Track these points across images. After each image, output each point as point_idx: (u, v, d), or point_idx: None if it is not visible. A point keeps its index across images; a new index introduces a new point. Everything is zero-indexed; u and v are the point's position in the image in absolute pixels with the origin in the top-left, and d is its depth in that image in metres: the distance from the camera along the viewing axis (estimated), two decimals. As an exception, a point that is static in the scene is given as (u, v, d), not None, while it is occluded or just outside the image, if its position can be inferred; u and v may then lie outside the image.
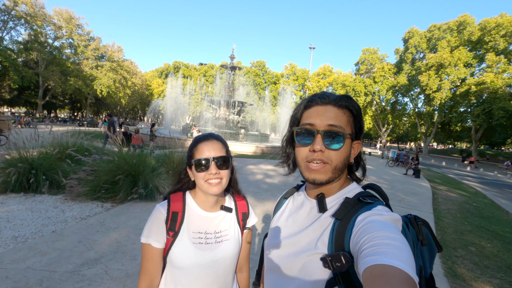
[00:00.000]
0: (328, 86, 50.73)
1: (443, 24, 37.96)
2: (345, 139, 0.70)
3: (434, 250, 0.74)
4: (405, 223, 0.70)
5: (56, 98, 49.98)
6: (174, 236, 0.98)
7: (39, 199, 4.87)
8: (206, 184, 0.98)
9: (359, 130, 0.76)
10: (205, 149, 0.99)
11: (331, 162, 0.71)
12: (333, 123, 0.70)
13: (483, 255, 4.19)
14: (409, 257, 0.51)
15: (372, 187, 0.78)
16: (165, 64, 66.30)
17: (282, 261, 0.77)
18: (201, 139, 1.03)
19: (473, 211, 7.31)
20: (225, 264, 1.04)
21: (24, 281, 2.49)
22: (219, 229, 1.05)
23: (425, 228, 0.73)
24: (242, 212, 1.14)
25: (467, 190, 11.36)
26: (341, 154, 0.71)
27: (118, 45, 47.47)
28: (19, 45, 34.81)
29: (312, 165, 0.71)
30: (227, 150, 1.05)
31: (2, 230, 3.51)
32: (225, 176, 1.00)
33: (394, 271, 0.46)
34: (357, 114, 0.75)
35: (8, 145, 5.65)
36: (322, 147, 0.70)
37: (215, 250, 1.01)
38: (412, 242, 0.67)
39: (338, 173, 0.72)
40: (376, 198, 0.73)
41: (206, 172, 0.97)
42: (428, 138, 42.25)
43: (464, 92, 32.45)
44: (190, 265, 0.97)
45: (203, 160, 0.97)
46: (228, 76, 24.73)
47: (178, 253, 0.96)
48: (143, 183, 5.18)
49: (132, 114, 72.54)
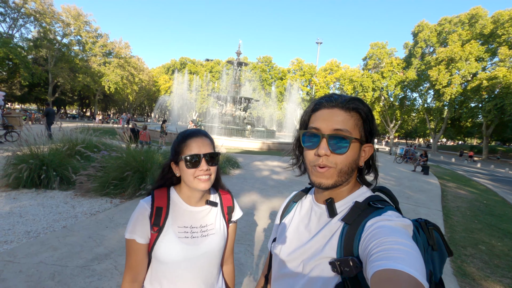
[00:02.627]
0: (335, 81, 50.12)
1: (454, 17, 36.96)
2: (350, 143, 0.69)
3: (444, 255, 0.73)
4: (415, 227, 0.69)
5: (65, 95, 50.69)
6: (158, 231, 0.98)
7: (50, 194, 4.98)
8: (195, 180, 0.98)
9: (369, 133, 0.74)
10: (194, 145, 0.99)
11: (336, 166, 0.70)
12: (339, 127, 0.69)
13: (494, 254, 4.13)
14: (419, 262, 0.50)
15: (383, 190, 0.77)
16: (172, 60, 66.41)
17: (291, 268, 0.77)
18: (189, 135, 1.03)
19: (483, 209, 7.19)
20: (211, 258, 1.06)
21: (37, 275, 2.56)
22: (205, 223, 1.07)
23: (436, 232, 0.72)
24: (227, 206, 1.16)
25: (477, 187, 11.16)
26: (346, 158, 0.70)
27: (125, 42, 47.65)
28: (29, 42, 35.24)
29: (317, 170, 0.71)
30: (214, 146, 1.07)
31: (15, 225, 3.61)
32: (214, 172, 1.02)
33: (403, 276, 0.45)
34: (367, 116, 0.73)
35: (19, 141, 5.77)
36: (327, 151, 0.69)
37: (201, 244, 1.02)
38: (422, 247, 0.66)
39: (344, 177, 0.71)
40: (386, 202, 0.72)
41: (196, 168, 0.98)
42: (437, 134, 41.53)
43: (476, 87, 31.64)
44: (176, 259, 0.98)
45: (195, 157, 0.98)
46: (235, 72, 24.66)
47: (163, 248, 0.97)
48: (151, 179, 5.24)
49: (139, 110, 73.11)
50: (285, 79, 55.75)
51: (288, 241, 0.83)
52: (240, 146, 16.86)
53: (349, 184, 0.77)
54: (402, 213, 0.70)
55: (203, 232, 1.04)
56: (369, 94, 42.03)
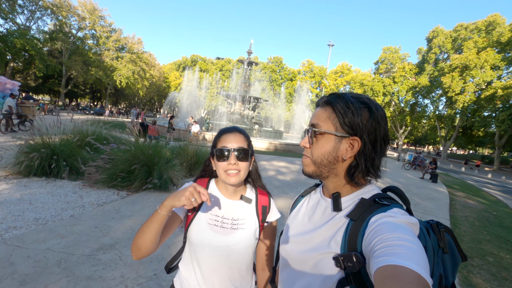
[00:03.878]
0: (345, 84, 49.71)
1: (470, 24, 36.23)
2: (317, 135, 0.76)
3: (457, 259, 0.72)
4: (426, 229, 0.68)
5: (77, 87, 51.69)
6: (194, 215, 1.06)
7: (59, 184, 5.08)
8: (224, 174, 1.03)
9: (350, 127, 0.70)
10: (227, 140, 1.04)
11: (312, 156, 0.77)
12: (313, 122, 0.77)
13: (501, 266, 4.03)
14: (422, 258, 0.50)
15: (393, 190, 0.76)
16: (183, 57, 66.86)
17: (295, 258, 0.78)
18: (225, 130, 1.09)
19: (492, 220, 7.03)
20: (238, 252, 1.06)
21: (44, 261, 2.61)
22: (237, 216, 1.09)
23: (448, 235, 0.71)
24: (262, 205, 1.14)
25: (487, 198, 10.91)
26: (318, 149, 0.75)
27: (138, 37, 48.24)
28: (45, 34, 36.00)
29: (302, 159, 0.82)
30: (249, 143, 1.09)
31: (25, 212, 3.69)
32: (243, 168, 1.04)
33: (406, 272, 0.46)
34: (342, 109, 0.71)
35: (32, 130, 5.90)
36: (306, 144, 0.78)
37: (229, 235, 1.04)
38: (432, 248, 0.65)
39: (322, 168, 0.76)
40: (393, 200, 0.71)
41: (225, 162, 1.02)
42: (448, 142, 40.78)
43: (490, 95, 30.93)
44: (204, 243, 1.03)
45: (224, 151, 1.02)
46: (245, 71, 24.67)
47: (195, 231, 1.04)
48: (157, 174, 5.29)
49: (149, 105, 73.89)
50: (295, 80, 55.52)
51: (292, 231, 0.86)
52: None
53: (340, 179, 0.76)
54: (413, 214, 0.69)
55: (233, 224, 1.07)
56: (379, 98, 41.54)
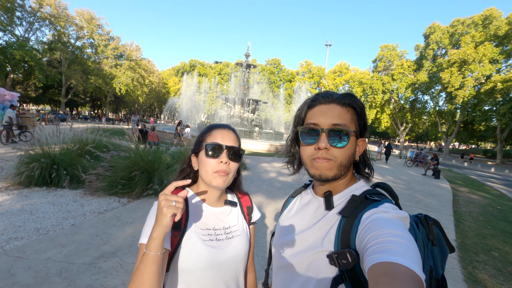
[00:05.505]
0: (344, 84, 49.73)
1: (467, 19, 36.18)
2: (349, 137, 0.72)
3: (445, 251, 0.73)
4: (415, 222, 0.69)
5: (77, 96, 51.97)
6: (180, 236, 0.86)
7: (60, 193, 5.08)
8: (212, 174, 0.90)
9: (363, 128, 0.78)
10: (219, 135, 0.94)
11: (336, 159, 0.72)
12: (337, 122, 0.72)
13: (507, 261, 3.98)
14: (415, 254, 0.50)
15: (382, 185, 0.78)
16: (181, 63, 67.16)
17: (289, 259, 0.77)
18: (216, 126, 0.99)
19: (496, 215, 6.97)
20: (237, 262, 0.96)
21: (45, 271, 2.60)
22: (228, 224, 0.99)
23: (436, 228, 0.72)
24: (247, 206, 1.10)
25: (490, 192, 10.84)
26: (345, 151, 0.72)
27: (136, 44, 48.53)
28: (44, 45, 36.33)
29: (317, 161, 0.72)
30: (239, 144, 1.00)
31: (26, 222, 3.69)
32: (233, 170, 0.94)
33: (399, 269, 0.46)
34: (361, 111, 0.76)
35: (32, 141, 5.92)
36: (327, 145, 0.71)
37: (227, 247, 0.93)
38: (422, 241, 0.66)
39: (343, 170, 0.73)
40: (384, 196, 0.72)
41: (216, 159, 0.90)
42: (449, 137, 40.61)
43: (489, 89, 30.81)
44: (202, 266, 0.86)
45: (216, 146, 0.91)
46: (243, 74, 24.76)
47: (188, 254, 0.85)
48: (158, 180, 5.29)
49: (149, 111, 74.13)
50: (293, 81, 55.62)
51: (284, 232, 0.85)
52: (248, 148, 16.86)
53: (346, 178, 0.78)
54: (401, 208, 0.70)
55: (227, 234, 0.96)
56: (379, 96, 41.47)
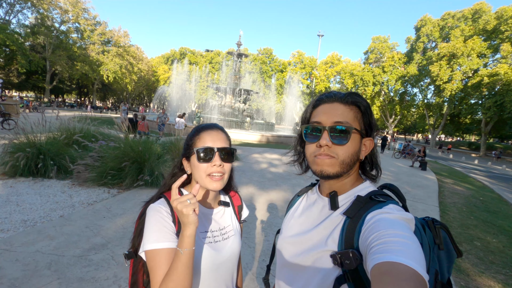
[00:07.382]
0: (335, 75, 49.76)
1: (457, 12, 36.58)
2: (351, 134, 0.72)
3: (452, 255, 0.73)
4: (422, 225, 0.69)
5: (63, 83, 50.20)
6: None
7: (47, 183, 4.96)
8: (207, 178, 0.89)
9: (369, 127, 0.77)
10: (208, 138, 0.91)
11: (338, 156, 0.72)
12: (339, 120, 0.72)
13: (488, 250, 4.16)
14: (419, 255, 0.50)
15: (389, 187, 0.77)
16: (171, 50, 65.51)
17: (294, 258, 0.78)
18: (204, 127, 0.95)
19: (479, 205, 7.24)
20: (234, 261, 0.98)
21: (33, 264, 2.56)
22: (223, 225, 0.99)
23: (443, 231, 0.72)
24: (238, 205, 1.11)
25: (474, 184, 11.23)
26: (347, 149, 0.72)
27: (124, 30, 46.96)
28: (26, 28, 34.71)
29: (318, 158, 0.73)
30: (230, 143, 0.98)
31: (12, 214, 3.59)
32: (227, 170, 0.93)
33: (402, 269, 0.46)
34: (366, 110, 0.76)
35: (16, 129, 5.71)
36: (329, 142, 0.72)
37: (224, 248, 0.94)
38: (428, 245, 0.66)
39: (346, 168, 0.73)
40: (389, 197, 0.71)
41: (209, 163, 0.88)
42: (436, 130, 41.57)
43: (476, 83, 31.52)
44: (205, 269, 0.87)
45: (208, 150, 0.89)
46: (235, 63, 24.41)
47: None
48: (148, 170, 5.22)
49: (138, 100, 72.56)
50: (285, 71, 55.27)
51: (290, 231, 0.85)
52: (239, 139, 16.81)
53: (352, 178, 0.78)
54: (408, 211, 0.70)
55: (223, 235, 0.97)
56: (369, 88, 41.84)
